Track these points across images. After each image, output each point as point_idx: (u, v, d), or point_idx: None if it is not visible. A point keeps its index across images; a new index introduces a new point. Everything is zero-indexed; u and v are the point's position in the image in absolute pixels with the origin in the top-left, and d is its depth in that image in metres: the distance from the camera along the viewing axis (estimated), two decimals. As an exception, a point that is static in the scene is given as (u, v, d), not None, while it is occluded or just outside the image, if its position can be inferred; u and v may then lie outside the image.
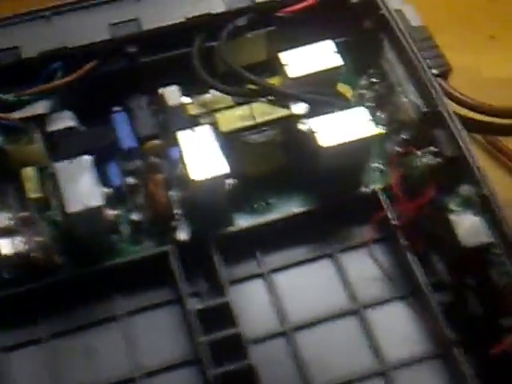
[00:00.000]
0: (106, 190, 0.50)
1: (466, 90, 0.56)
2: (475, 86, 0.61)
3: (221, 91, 0.53)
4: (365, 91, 0.57)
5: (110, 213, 0.50)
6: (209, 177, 0.49)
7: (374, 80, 0.57)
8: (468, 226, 0.48)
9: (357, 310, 0.53)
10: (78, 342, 0.51)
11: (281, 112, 0.52)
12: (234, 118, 0.52)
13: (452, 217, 0.49)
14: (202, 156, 0.49)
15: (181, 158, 0.50)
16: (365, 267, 0.54)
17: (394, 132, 0.55)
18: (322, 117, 0.51)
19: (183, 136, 0.50)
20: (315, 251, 0.55)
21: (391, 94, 0.55)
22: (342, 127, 0.51)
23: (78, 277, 0.51)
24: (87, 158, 0.49)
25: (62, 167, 0.49)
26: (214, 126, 0.51)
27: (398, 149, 0.55)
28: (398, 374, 0.51)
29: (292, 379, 0.51)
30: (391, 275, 0.54)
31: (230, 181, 0.51)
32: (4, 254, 0.49)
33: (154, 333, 0.52)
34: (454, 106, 0.54)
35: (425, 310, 0.52)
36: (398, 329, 0.52)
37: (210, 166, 0.49)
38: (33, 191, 0.52)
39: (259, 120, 0.52)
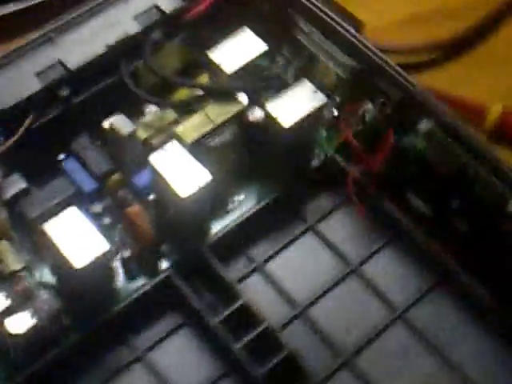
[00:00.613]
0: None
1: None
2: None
3: (163, 105, 0.53)
4: (284, 69, 0.59)
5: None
6: (196, 190, 0.49)
7: (290, 56, 0.58)
8: (441, 155, 0.52)
9: (353, 270, 0.55)
10: (110, 394, 0.50)
11: (234, 108, 0.53)
12: (194, 127, 0.52)
13: (423, 153, 0.52)
14: (181, 172, 0.49)
15: (159, 180, 0.50)
16: (345, 228, 0.57)
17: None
18: (273, 100, 0.52)
19: (156, 158, 0.50)
20: (296, 229, 0.56)
21: (312, 63, 0.57)
22: (295, 104, 0.52)
23: (90, 332, 0.50)
24: (73, 209, 0.48)
25: (53, 226, 0.47)
26: (177, 140, 0.51)
27: (335, 112, 0.57)
28: (412, 312, 0.54)
29: (324, 353, 0.52)
30: (373, 226, 0.56)
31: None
32: (15, 333, 0.47)
33: (181, 359, 0.51)
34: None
35: (417, 245, 0.55)
36: (396, 272, 0.55)
37: (194, 178, 0.49)
38: (16, 263, 0.49)
39: (218, 122, 0.52)
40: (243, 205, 0.55)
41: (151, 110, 0.54)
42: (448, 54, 0.64)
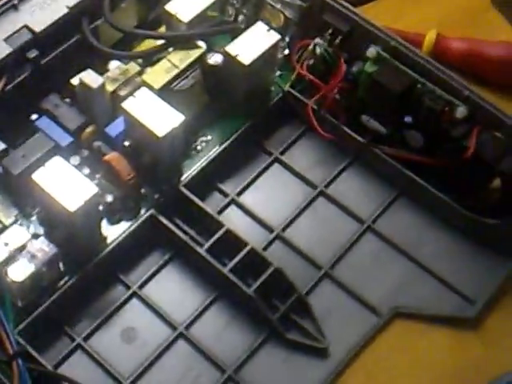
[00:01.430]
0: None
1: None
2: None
3: (129, 58, 0.57)
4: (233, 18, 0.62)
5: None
6: (171, 129, 0.52)
7: (239, 4, 0.62)
8: (390, 76, 0.56)
9: (320, 192, 0.59)
10: (113, 331, 0.53)
11: (194, 53, 0.56)
12: (160, 73, 0.55)
13: (373, 76, 0.56)
14: (155, 115, 0.52)
15: (135, 125, 0.53)
16: (307, 156, 0.61)
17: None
18: (231, 43, 0.56)
19: (128, 105, 0.53)
20: (262, 162, 0.60)
21: (260, 9, 0.61)
22: (252, 43, 0.56)
23: (85, 275, 0.53)
24: (57, 158, 0.51)
25: (40, 176, 0.50)
26: (145, 86, 0.54)
27: (286, 51, 0.61)
28: (379, 223, 0.58)
29: (305, 268, 0.56)
30: (333, 151, 0.61)
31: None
32: (17, 281, 0.49)
33: (174, 290, 0.55)
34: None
35: (376, 162, 0.59)
36: (360, 189, 0.60)
37: (167, 119, 0.52)
38: (7, 217, 0.52)
39: (182, 66, 0.56)
40: (210, 144, 0.59)
41: (115, 65, 0.57)
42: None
